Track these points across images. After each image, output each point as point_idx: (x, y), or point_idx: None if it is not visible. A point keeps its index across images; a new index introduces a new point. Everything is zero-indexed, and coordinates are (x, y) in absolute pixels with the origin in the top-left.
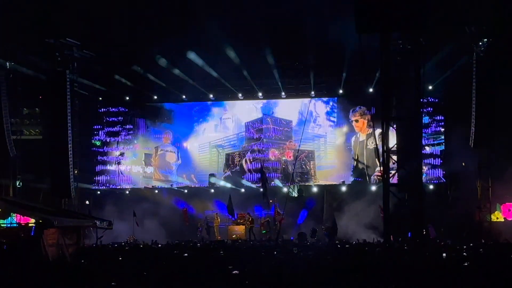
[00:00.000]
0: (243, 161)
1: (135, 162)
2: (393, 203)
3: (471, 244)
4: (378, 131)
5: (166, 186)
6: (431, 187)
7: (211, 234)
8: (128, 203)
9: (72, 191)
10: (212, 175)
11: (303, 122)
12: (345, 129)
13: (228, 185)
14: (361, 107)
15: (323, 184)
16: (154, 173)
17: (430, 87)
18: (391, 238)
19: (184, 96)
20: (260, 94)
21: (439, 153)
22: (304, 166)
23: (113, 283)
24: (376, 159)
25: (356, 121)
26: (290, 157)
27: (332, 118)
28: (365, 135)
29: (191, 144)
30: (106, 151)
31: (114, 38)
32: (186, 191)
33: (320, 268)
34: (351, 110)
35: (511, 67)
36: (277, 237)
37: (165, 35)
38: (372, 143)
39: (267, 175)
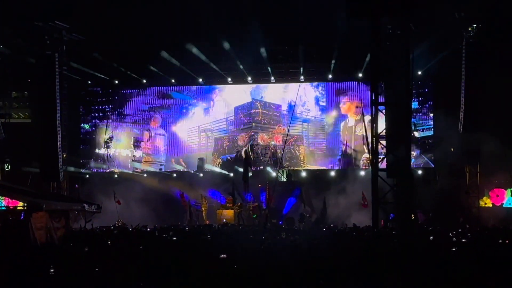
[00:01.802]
0: (243, 151)
1: (124, 146)
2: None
3: (460, 230)
4: (367, 117)
5: (154, 170)
6: (419, 172)
7: (199, 219)
8: (116, 186)
9: (60, 174)
10: (200, 159)
11: (292, 107)
12: (334, 113)
13: (218, 169)
14: (352, 91)
15: (312, 169)
16: (144, 157)
17: (420, 73)
18: (382, 223)
19: (173, 80)
20: (249, 78)
21: (428, 138)
22: (293, 151)
23: (97, 269)
24: (364, 146)
25: (344, 103)
26: (279, 141)
27: (321, 103)
28: (354, 121)
29: (179, 128)
30: (95, 134)
31: (103, 21)
32: (175, 175)
33: (308, 252)
34: (342, 93)
35: (500, 52)
36: (265, 221)
37: (154, 18)
38: (361, 129)
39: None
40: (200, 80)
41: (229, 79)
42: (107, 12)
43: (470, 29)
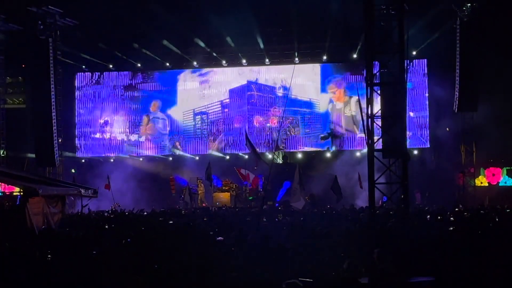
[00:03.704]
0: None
1: (119, 130)
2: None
3: (456, 209)
4: (354, 98)
5: (151, 154)
6: (415, 152)
7: (195, 201)
8: (112, 171)
9: (56, 159)
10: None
11: (287, 89)
12: (329, 94)
13: (214, 152)
14: (335, 76)
15: (308, 150)
16: (146, 142)
17: (414, 52)
18: (380, 203)
19: (168, 64)
20: (244, 61)
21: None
22: (288, 133)
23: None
24: (354, 126)
25: (333, 92)
26: (274, 123)
27: (316, 84)
28: (342, 103)
29: (175, 112)
30: (90, 119)
31: (97, 5)
32: (170, 159)
33: (305, 233)
34: (326, 80)
35: (494, 31)
36: (261, 203)
37: (148, 1)
38: (350, 110)
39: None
40: (195, 63)
41: (224, 62)
42: None
43: (464, 8)
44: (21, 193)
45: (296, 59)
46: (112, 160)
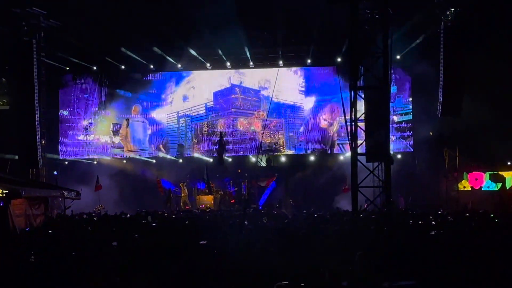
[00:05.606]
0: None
1: (103, 132)
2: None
3: (439, 212)
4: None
5: (134, 156)
6: (398, 156)
7: (178, 204)
8: (95, 173)
9: (39, 161)
10: (180, 145)
11: (271, 92)
12: (313, 98)
13: (197, 155)
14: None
15: (291, 153)
16: (126, 145)
17: (398, 57)
18: (366, 206)
19: (152, 66)
20: (228, 63)
21: (406, 122)
22: (272, 136)
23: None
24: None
25: (325, 120)
26: (258, 126)
27: (300, 88)
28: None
29: (159, 114)
30: (73, 120)
31: (81, 7)
32: (154, 161)
33: (288, 236)
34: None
35: (478, 36)
36: (245, 207)
37: (132, 3)
38: (333, 130)
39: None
40: (179, 65)
41: (208, 65)
42: None
43: (448, 13)
44: (4, 195)
45: (281, 62)
46: (95, 162)
